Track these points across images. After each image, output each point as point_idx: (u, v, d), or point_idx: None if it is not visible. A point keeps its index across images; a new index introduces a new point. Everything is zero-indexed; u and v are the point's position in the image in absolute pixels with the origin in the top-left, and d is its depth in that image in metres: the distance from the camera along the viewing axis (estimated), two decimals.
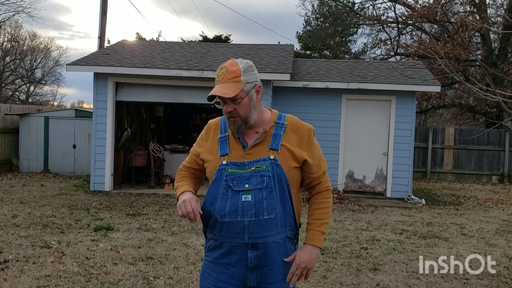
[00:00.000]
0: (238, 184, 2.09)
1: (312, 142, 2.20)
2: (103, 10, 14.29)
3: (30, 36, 31.29)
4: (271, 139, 2.14)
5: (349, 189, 10.88)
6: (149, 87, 10.18)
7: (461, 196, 11.16)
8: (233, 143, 2.16)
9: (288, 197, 2.12)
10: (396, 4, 19.99)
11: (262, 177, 2.08)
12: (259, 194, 2.07)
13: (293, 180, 2.14)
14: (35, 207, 7.83)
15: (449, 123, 25.75)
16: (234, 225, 2.08)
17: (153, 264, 5.00)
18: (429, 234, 6.88)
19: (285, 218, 2.13)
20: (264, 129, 2.15)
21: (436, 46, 12.13)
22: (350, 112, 10.81)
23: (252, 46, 12.75)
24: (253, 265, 2.11)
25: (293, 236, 2.20)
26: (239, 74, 2.07)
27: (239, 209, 2.07)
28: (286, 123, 2.18)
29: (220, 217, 2.10)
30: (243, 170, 2.10)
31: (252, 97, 2.11)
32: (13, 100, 29.20)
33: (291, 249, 2.18)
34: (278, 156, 2.10)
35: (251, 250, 2.10)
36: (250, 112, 2.10)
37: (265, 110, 2.23)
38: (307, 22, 28.54)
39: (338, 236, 6.53)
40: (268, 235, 2.09)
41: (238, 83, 2.07)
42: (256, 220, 2.07)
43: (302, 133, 2.18)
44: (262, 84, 2.19)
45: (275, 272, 2.13)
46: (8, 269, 4.67)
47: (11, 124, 12.84)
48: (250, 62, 2.17)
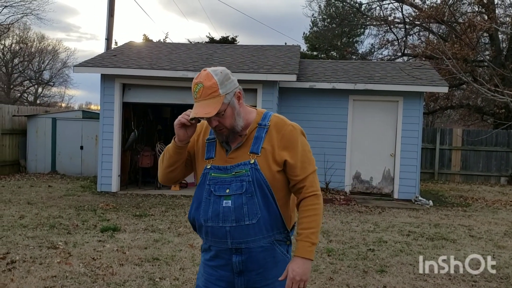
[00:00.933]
0: (220, 189, 2.06)
1: (295, 141, 2.09)
2: (110, 12, 14.34)
3: (38, 38, 31.56)
4: (252, 142, 2.08)
5: (356, 190, 10.84)
6: (155, 88, 10.20)
7: (469, 198, 11.08)
8: (219, 146, 2.14)
9: (272, 201, 2.05)
10: (403, 5, 19.91)
11: (242, 182, 2.03)
12: (239, 200, 2.03)
13: (278, 184, 2.07)
14: (42, 208, 7.87)
15: (456, 124, 25.59)
16: (217, 230, 2.07)
17: (159, 265, 5.00)
18: (437, 235, 6.83)
19: (270, 222, 2.06)
20: (245, 133, 2.09)
21: (443, 46, 12.06)
22: (357, 113, 10.77)
23: (258, 47, 12.75)
24: (238, 270, 2.09)
25: (284, 239, 2.14)
26: (216, 88, 1.98)
27: (220, 214, 2.05)
28: (269, 124, 2.11)
29: (204, 221, 2.09)
30: (225, 175, 2.06)
31: (234, 106, 2.05)
32: (21, 102, 29.40)
33: (281, 252, 2.13)
34: (259, 160, 2.04)
35: (236, 255, 2.08)
36: (235, 121, 2.05)
37: (250, 111, 2.16)
38: (313, 23, 28.50)
39: (345, 238, 6.50)
40: (252, 240, 2.05)
41: (217, 97, 1.98)
42: (237, 226, 2.03)
43: (284, 133, 2.09)
44: (241, 88, 2.11)
45: (264, 276, 2.09)
46: (15, 269, 4.69)
47: (19, 125, 12.92)
48: (224, 70, 2.07)
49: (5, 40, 28.64)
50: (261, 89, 9.86)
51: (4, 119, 12.31)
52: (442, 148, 14.94)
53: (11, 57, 29.37)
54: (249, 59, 11.01)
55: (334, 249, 5.85)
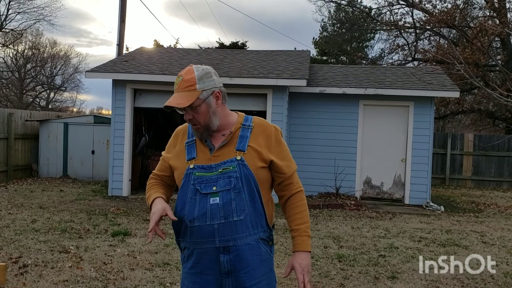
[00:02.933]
0: (206, 187, 2.09)
1: (280, 142, 2.20)
2: (121, 18, 14.46)
3: (51, 43, 31.91)
4: (238, 140, 2.14)
5: (367, 195, 10.78)
6: (166, 93, 10.24)
7: (481, 203, 10.97)
8: (200, 146, 2.17)
9: (258, 197, 2.11)
10: (414, 9, 19.83)
11: (230, 178, 2.08)
12: (227, 196, 2.07)
13: (262, 180, 2.14)
14: (54, 212, 7.93)
15: (468, 129, 25.38)
16: (204, 229, 2.07)
17: (169, 270, 5.01)
18: (449, 242, 6.77)
19: (255, 219, 2.11)
20: (230, 131, 2.15)
21: (455, 51, 11.98)
22: (367, 118, 10.73)
23: (268, 52, 12.77)
24: (226, 270, 2.09)
25: (267, 238, 2.18)
26: (194, 83, 2.07)
27: (208, 212, 2.07)
28: (253, 125, 2.19)
29: (189, 222, 2.09)
30: (210, 173, 2.10)
31: (210, 104, 2.10)
32: (34, 107, 29.71)
33: (266, 252, 2.17)
34: (245, 157, 2.10)
35: (223, 254, 2.08)
36: (209, 119, 2.11)
37: (231, 114, 2.23)
38: (323, 28, 28.52)
39: (356, 244, 6.46)
40: (239, 237, 2.08)
41: (193, 91, 2.07)
42: (226, 222, 2.06)
43: (269, 133, 2.18)
44: (223, 90, 2.17)
45: (251, 275, 2.10)
46: (27, 273, 4.73)
47: (31, 130, 13.05)
48: (208, 68, 2.15)
49: (18, 45, 29.02)
50: (271, 94, 9.87)
51: (17, 124, 12.45)
52: (453, 153, 14.81)
53: (23, 63, 29.72)
54: (259, 64, 11.03)
55: (345, 255, 5.82)
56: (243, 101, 9.88)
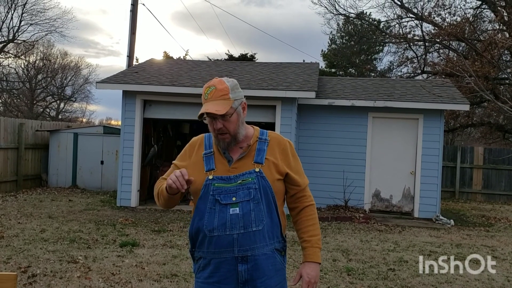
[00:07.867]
0: (225, 198, 2.13)
1: (295, 156, 2.30)
2: (132, 30, 14.62)
3: (61, 54, 32.25)
4: (255, 153, 2.21)
5: (376, 208, 10.71)
6: (176, 104, 10.31)
7: (491, 217, 10.84)
8: (219, 158, 2.22)
9: (275, 208, 2.17)
10: (423, 22, 19.84)
11: (249, 189, 2.13)
12: (247, 206, 2.12)
13: (278, 192, 2.20)
14: (63, 222, 7.96)
15: (477, 142, 25.18)
16: (223, 239, 2.11)
17: (177, 281, 4.99)
18: (459, 256, 6.69)
19: (272, 229, 2.17)
20: (248, 143, 2.21)
21: (465, 64, 11.95)
22: (376, 130, 10.70)
23: (277, 64, 12.82)
24: (244, 279, 2.12)
25: (281, 249, 2.25)
26: (227, 92, 2.15)
27: (228, 222, 2.10)
28: (269, 138, 2.27)
29: (208, 231, 2.12)
30: (229, 184, 2.15)
31: (239, 114, 2.19)
32: (44, 117, 29.96)
33: (280, 262, 2.22)
34: (263, 169, 2.17)
35: (241, 263, 2.12)
36: (238, 128, 2.18)
37: (248, 127, 2.30)
38: (332, 40, 28.60)
39: (365, 257, 6.41)
40: (257, 247, 2.12)
41: (227, 100, 2.14)
42: (245, 233, 2.10)
43: (284, 147, 2.27)
44: (246, 102, 2.26)
45: (267, 284, 2.15)
46: (36, 283, 4.74)
47: (41, 140, 13.16)
48: (235, 80, 2.25)
49: (30, 56, 29.36)
50: (280, 106, 9.90)
51: (28, 134, 12.56)
52: (463, 167, 14.70)
53: (35, 73, 30.05)
54: (268, 76, 11.07)
55: (354, 268, 5.77)
56: (252, 112, 9.85)
